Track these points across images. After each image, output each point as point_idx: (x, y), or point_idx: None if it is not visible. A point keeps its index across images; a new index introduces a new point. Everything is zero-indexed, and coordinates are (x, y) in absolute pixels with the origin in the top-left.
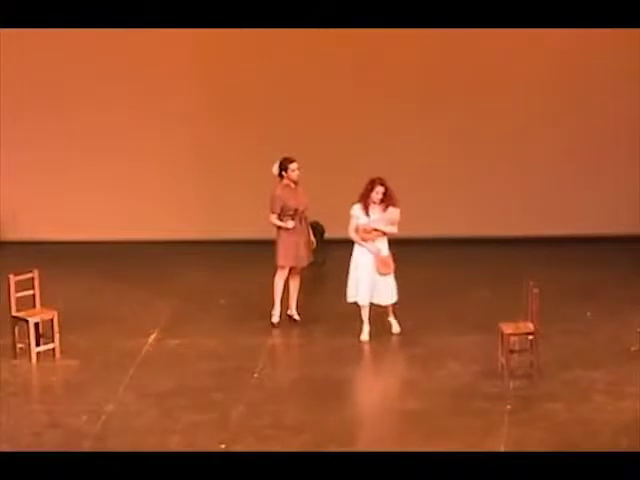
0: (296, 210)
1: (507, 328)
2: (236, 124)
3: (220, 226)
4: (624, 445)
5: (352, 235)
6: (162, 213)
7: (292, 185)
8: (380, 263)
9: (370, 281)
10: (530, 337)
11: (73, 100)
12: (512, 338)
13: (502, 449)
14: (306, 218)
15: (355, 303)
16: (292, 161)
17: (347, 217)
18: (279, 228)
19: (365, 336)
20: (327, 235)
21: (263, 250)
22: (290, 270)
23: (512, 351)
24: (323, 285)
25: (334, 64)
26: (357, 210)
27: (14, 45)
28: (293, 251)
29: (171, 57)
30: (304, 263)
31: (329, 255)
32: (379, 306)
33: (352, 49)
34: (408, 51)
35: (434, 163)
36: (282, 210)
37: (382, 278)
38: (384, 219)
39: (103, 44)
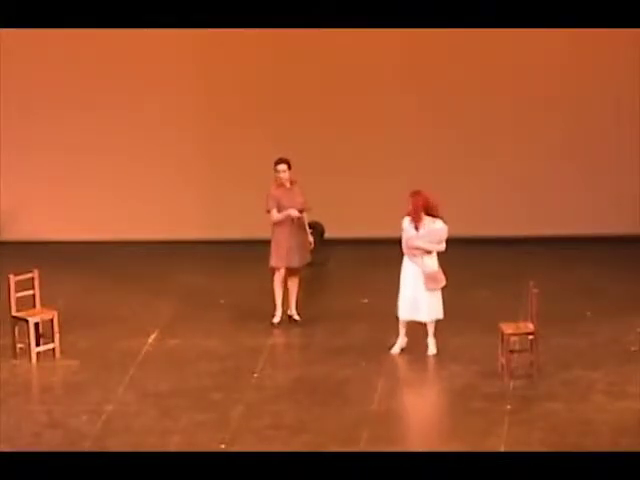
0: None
1: (507, 328)
2: (236, 124)
3: (220, 226)
4: (624, 445)
5: (404, 249)
6: (162, 213)
7: (287, 185)
8: (427, 278)
9: (412, 297)
10: (530, 337)
11: (73, 100)
12: (512, 338)
13: (502, 449)
14: (300, 218)
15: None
16: (279, 162)
17: (347, 217)
18: (274, 226)
19: (396, 349)
20: (327, 235)
21: (263, 250)
22: (287, 271)
23: (512, 351)
24: (323, 285)
25: (334, 65)
26: (407, 224)
27: (15, 45)
28: (283, 252)
29: (171, 57)
30: (296, 264)
31: (330, 255)
32: (419, 323)
33: (351, 50)
34: (407, 52)
35: (434, 163)
36: (276, 209)
37: (424, 294)
38: (429, 236)
39: (103, 44)
